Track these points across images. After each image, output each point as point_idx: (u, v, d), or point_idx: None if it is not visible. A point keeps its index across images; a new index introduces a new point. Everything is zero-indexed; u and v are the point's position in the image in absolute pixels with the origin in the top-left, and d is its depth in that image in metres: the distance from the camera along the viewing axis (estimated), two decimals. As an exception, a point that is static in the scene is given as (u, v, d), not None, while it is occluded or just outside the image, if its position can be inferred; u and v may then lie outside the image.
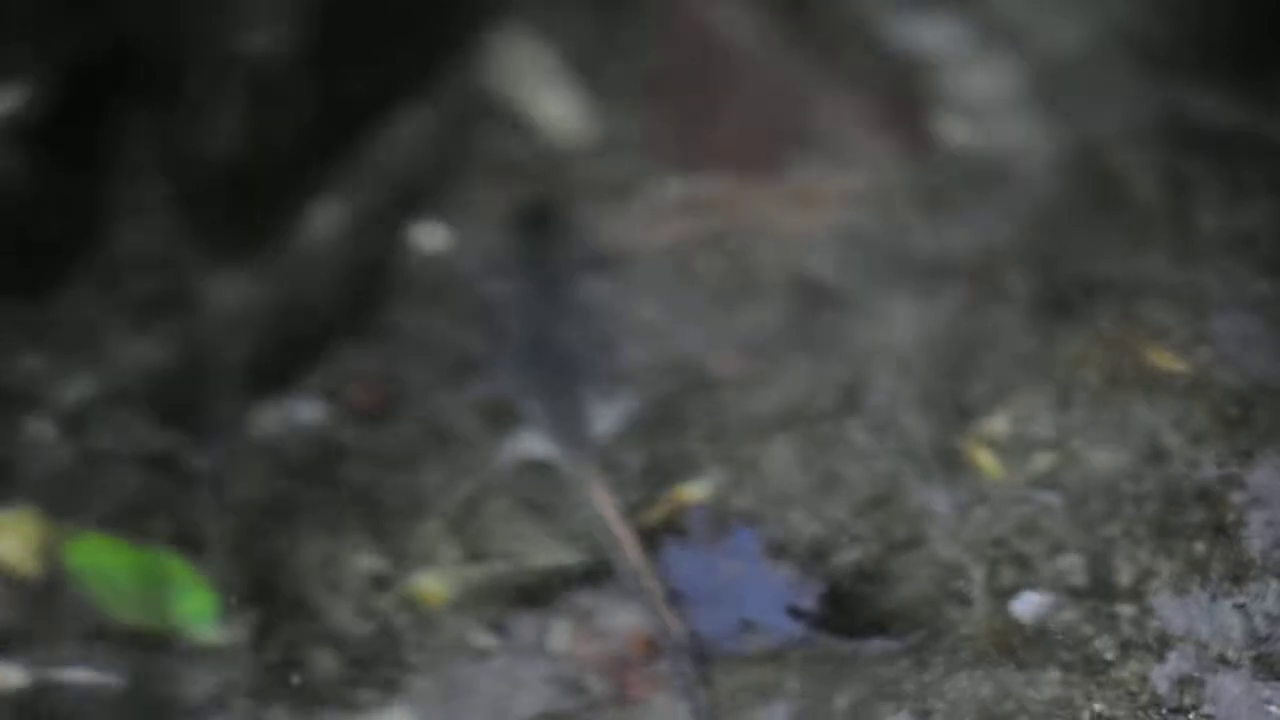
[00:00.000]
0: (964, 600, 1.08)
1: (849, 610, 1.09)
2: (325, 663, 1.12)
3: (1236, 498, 1.10)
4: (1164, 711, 1.03)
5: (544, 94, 1.52)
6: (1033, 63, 1.51)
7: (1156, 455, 1.12)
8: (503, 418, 1.26)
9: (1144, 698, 1.04)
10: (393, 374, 1.36)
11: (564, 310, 1.37)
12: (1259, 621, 1.06)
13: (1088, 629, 1.07)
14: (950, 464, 1.13)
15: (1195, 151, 1.41)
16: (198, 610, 1.13)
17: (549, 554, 1.14)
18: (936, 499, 1.11)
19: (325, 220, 1.44)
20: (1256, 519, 1.09)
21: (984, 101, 1.50)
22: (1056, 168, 1.43)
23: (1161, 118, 1.45)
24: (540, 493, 1.19)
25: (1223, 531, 1.08)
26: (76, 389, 1.32)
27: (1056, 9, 1.52)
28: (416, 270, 1.42)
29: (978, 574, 1.09)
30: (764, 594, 1.10)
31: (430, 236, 1.44)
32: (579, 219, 1.42)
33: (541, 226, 1.43)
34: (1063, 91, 1.49)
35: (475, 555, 1.14)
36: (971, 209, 1.39)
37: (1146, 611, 1.07)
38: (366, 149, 1.48)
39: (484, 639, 1.12)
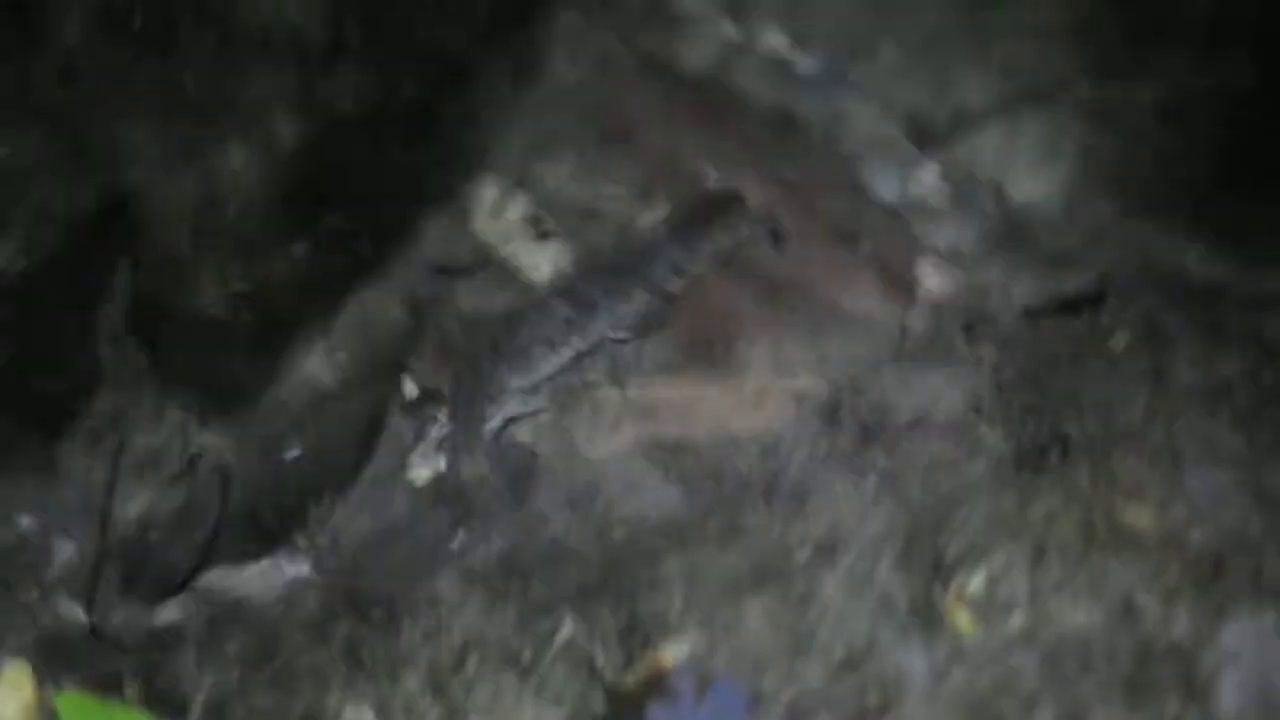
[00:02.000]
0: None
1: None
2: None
3: (1208, 657, 1.13)
4: None
5: (525, 246, 1.58)
6: (1010, 211, 1.57)
7: (1129, 613, 1.15)
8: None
9: None
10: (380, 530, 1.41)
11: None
12: (1230, 780, 1.10)
13: (1062, 788, 1.11)
14: (926, 622, 1.17)
15: (1173, 303, 1.45)
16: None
17: (532, 712, 1.18)
18: (913, 659, 1.15)
19: (313, 375, 1.49)
20: (1228, 678, 1.12)
21: (961, 251, 1.55)
22: (1034, 320, 1.48)
23: (1140, 268, 1.50)
24: (522, 650, 1.23)
25: (1194, 691, 1.12)
26: (65, 550, 1.37)
27: (1035, 156, 1.58)
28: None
29: (954, 736, 1.13)
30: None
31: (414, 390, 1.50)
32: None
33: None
34: (1040, 240, 1.55)
35: (456, 712, 1.18)
36: (949, 362, 1.44)
37: (1120, 769, 1.11)
38: (353, 302, 1.54)
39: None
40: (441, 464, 1.44)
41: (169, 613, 1.37)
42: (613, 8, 1.64)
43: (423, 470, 1.45)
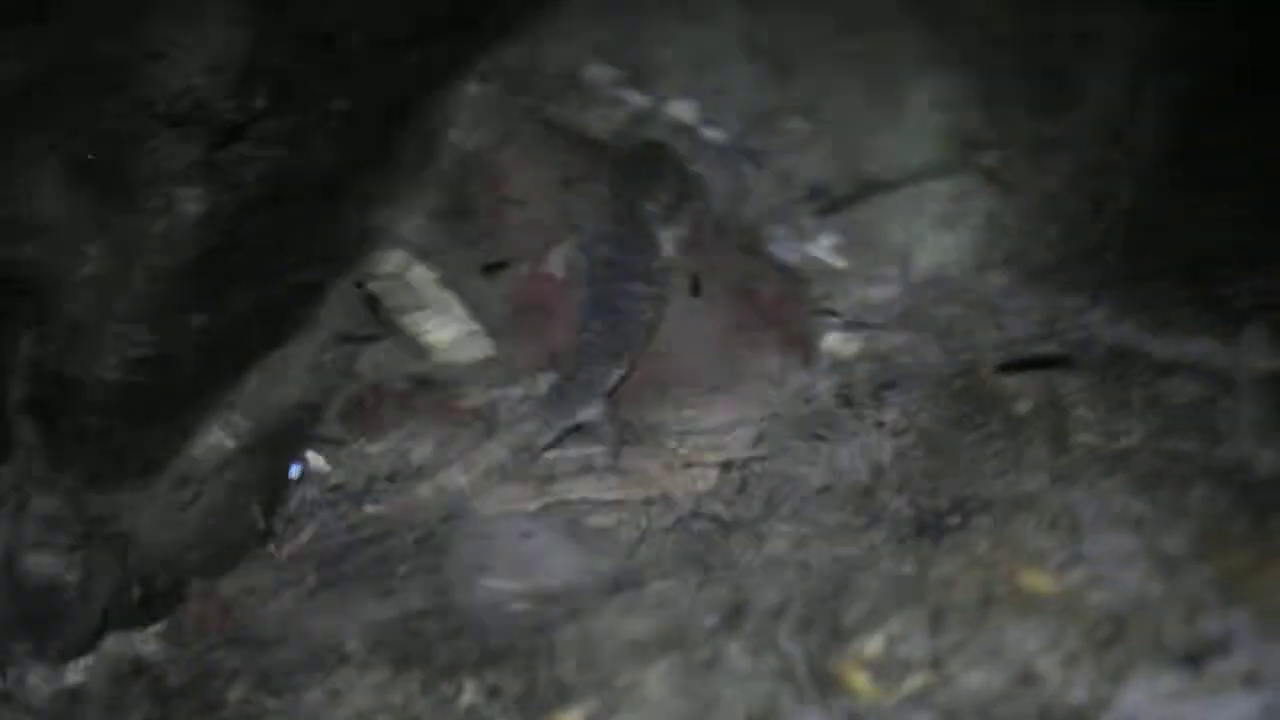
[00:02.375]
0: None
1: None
2: None
3: None
4: None
5: (430, 316, 1.59)
6: (916, 277, 1.59)
7: (1029, 677, 1.16)
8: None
9: None
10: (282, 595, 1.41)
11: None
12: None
13: None
14: (826, 686, 1.17)
15: (1076, 368, 1.48)
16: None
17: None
18: (811, 722, 1.16)
19: (216, 442, 1.48)
20: (1127, 741, 1.14)
21: (866, 317, 1.57)
22: (937, 384, 1.50)
23: (1043, 334, 1.53)
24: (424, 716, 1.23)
25: (1093, 753, 1.13)
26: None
27: (941, 224, 1.61)
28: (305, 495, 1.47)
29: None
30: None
31: (317, 460, 1.50)
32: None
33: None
34: (945, 306, 1.57)
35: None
36: (853, 428, 1.45)
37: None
38: (257, 369, 1.54)
39: None
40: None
41: (76, 674, 1.37)
42: (519, 79, 1.65)
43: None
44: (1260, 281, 1.49)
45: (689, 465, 1.46)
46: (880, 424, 1.45)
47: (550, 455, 1.49)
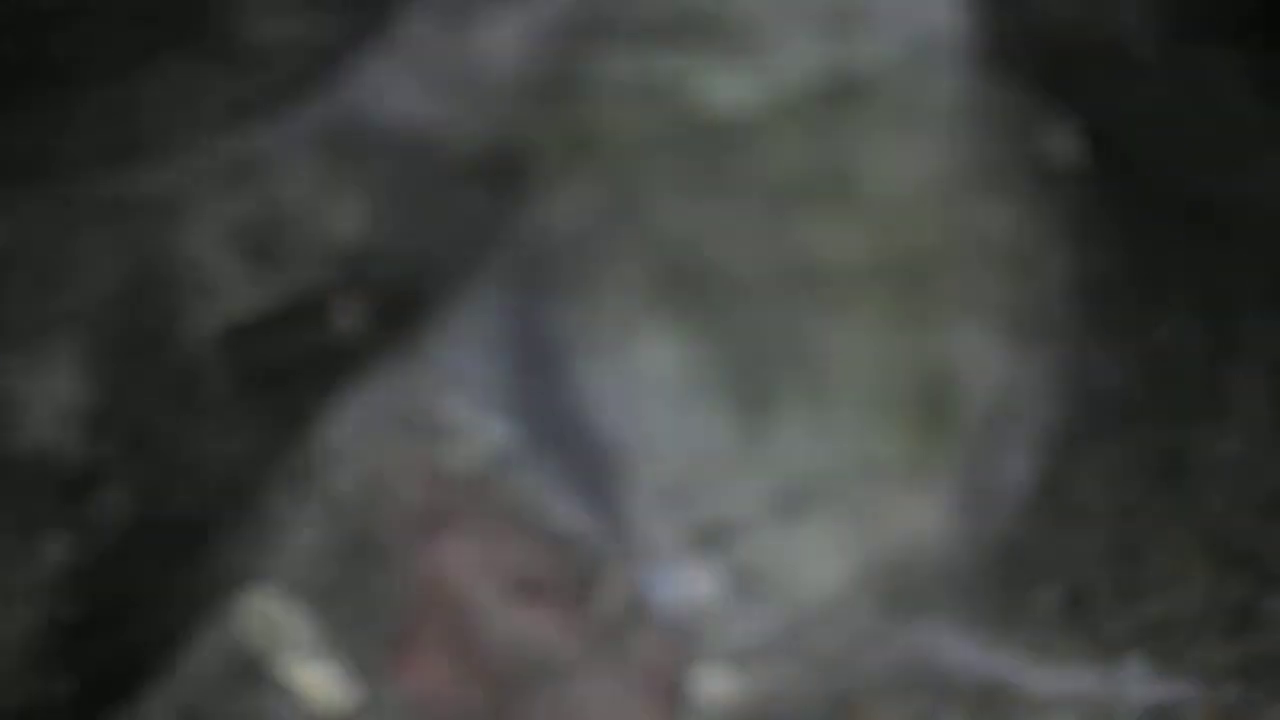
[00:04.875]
0: None
1: None
2: None
3: None
4: None
5: (300, 659, 1.60)
6: (787, 609, 1.61)
7: None
8: None
9: None
10: None
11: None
12: None
13: None
14: None
15: (954, 703, 1.49)
16: None
17: None
18: None
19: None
20: None
21: (746, 654, 1.58)
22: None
23: (922, 667, 1.54)
24: None
25: None
26: None
27: (813, 558, 1.63)
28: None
29: None
30: None
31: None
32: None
33: None
34: (821, 641, 1.58)
35: None
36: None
37: None
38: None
39: None
40: None
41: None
42: (386, 418, 1.70)
43: None
44: (1137, 611, 1.51)
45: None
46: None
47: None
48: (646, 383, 1.72)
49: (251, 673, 1.60)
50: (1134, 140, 1.88)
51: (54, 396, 1.58)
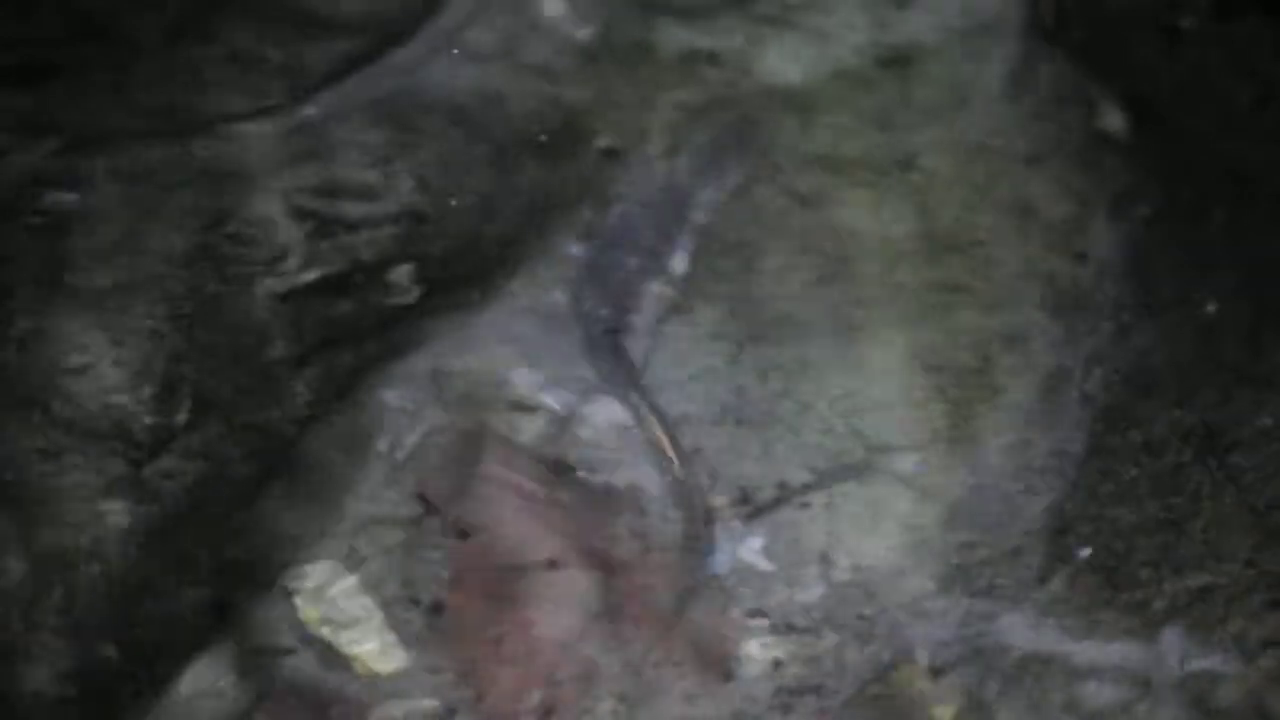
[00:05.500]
0: None
1: None
2: None
3: None
4: None
5: (352, 626, 1.65)
6: (838, 581, 1.65)
7: None
8: None
9: None
10: None
11: None
12: None
13: None
14: None
15: (997, 674, 1.53)
16: None
17: None
18: None
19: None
20: None
21: (791, 621, 1.63)
22: (862, 688, 1.56)
23: (965, 636, 1.59)
24: None
25: None
26: None
27: (857, 528, 1.68)
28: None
29: None
30: None
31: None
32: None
33: None
34: (868, 609, 1.63)
35: None
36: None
37: None
38: (185, 679, 1.60)
39: None
40: None
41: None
42: (442, 384, 1.75)
43: None
44: (1177, 583, 1.56)
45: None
46: (812, 732, 1.50)
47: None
48: (699, 355, 1.76)
49: (303, 639, 1.64)
50: (1179, 111, 1.92)
51: (124, 361, 1.63)
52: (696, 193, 1.87)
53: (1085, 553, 1.60)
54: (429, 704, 1.61)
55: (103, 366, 1.62)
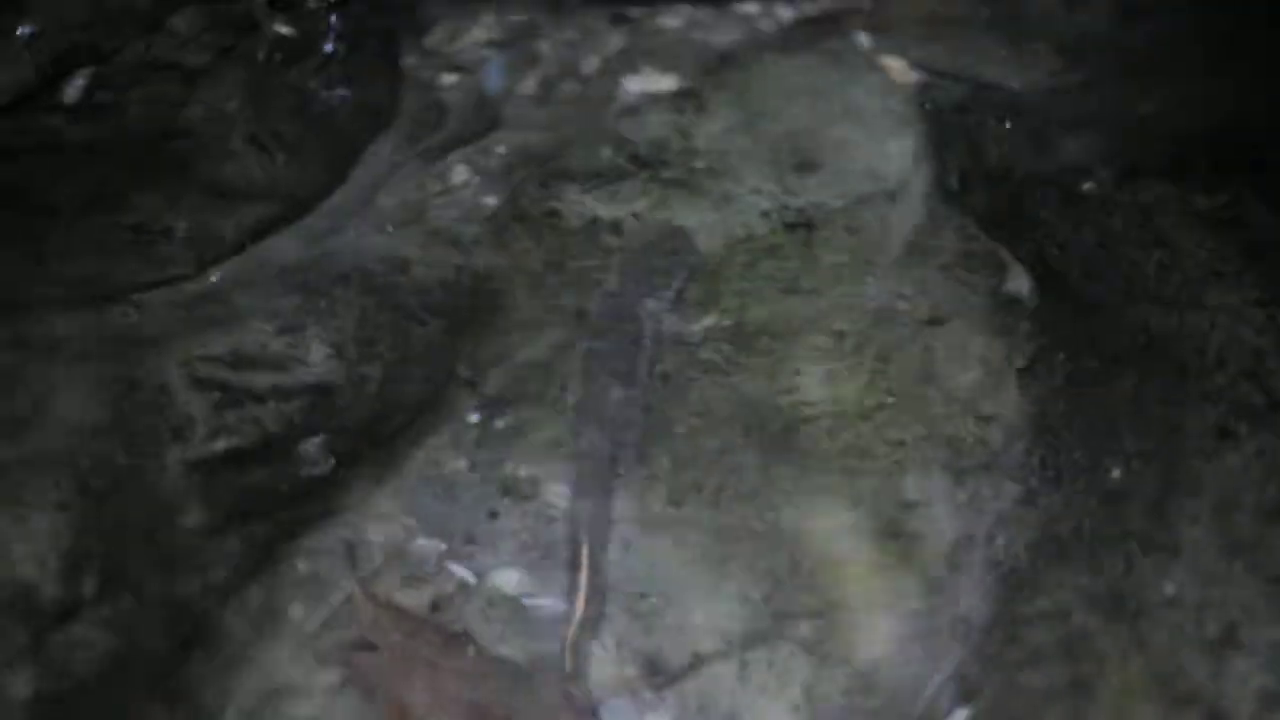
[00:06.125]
0: None
1: None
2: None
3: None
4: None
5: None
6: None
7: None
8: None
9: None
10: None
11: None
12: None
13: None
14: None
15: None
16: None
17: None
18: None
19: None
20: None
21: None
22: None
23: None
24: None
25: None
26: None
27: (763, 693, 1.69)
28: None
29: None
30: None
31: None
32: None
33: None
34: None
35: None
36: None
37: None
38: None
39: None
40: None
41: None
42: (355, 554, 1.77)
43: None
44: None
45: None
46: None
47: None
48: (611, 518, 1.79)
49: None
50: (1085, 275, 1.97)
51: (29, 536, 1.64)
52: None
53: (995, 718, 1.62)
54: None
55: (6, 541, 1.62)
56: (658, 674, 1.72)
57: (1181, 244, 1.97)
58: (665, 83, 2.21)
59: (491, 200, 2.03)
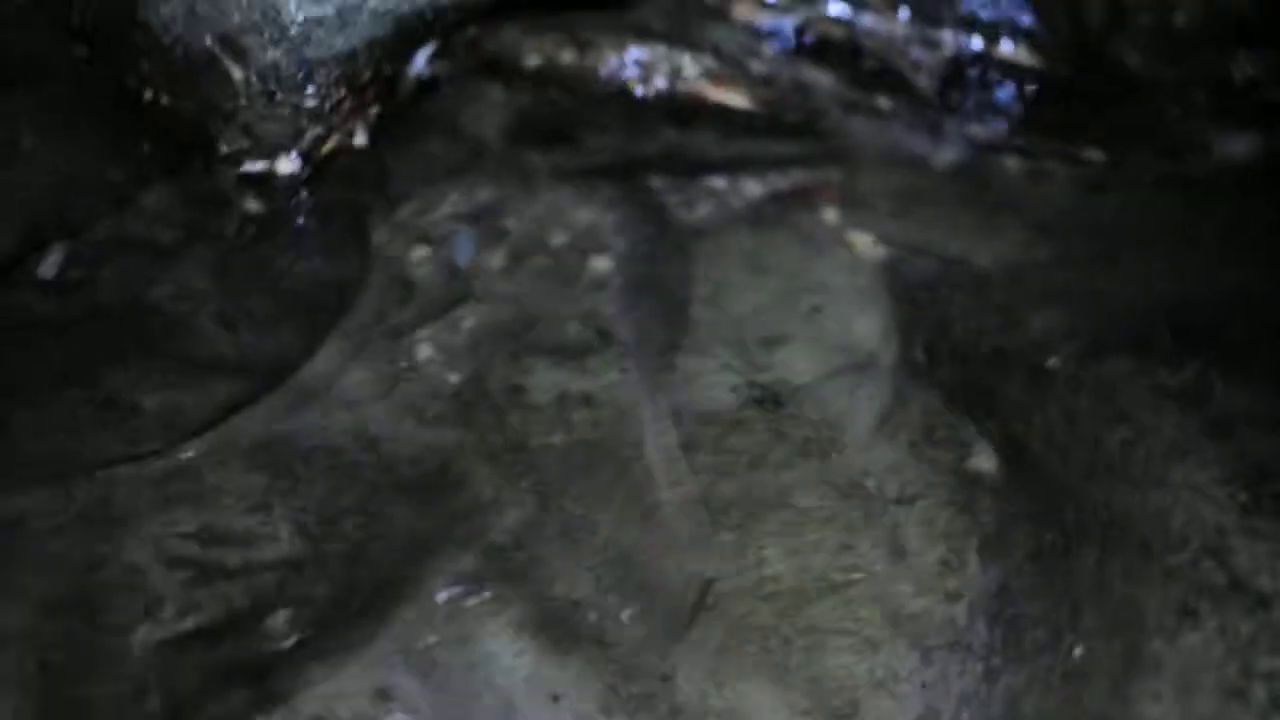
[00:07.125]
0: None
1: None
2: None
3: None
4: None
5: None
6: None
7: None
8: None
9: None
10: None
11: None
12: None
13: None
14: None
15: None
16: None
17: None
18: None
19: None
20: None
21: None
22: None
23: None
24: None
25: None
26: None
27: None
28: None
29: None
30: None
31: None
32: None
33: None
34: None
35: None
36: None
37: None
38: None
39: None
40: None
41: None
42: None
43: None
44: None
45: None
46: None
47: None
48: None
49: None
50: (1050, 452, 2.02)
51: (-2, 717, 1.67)
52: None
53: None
54: None
55: None
56: None
57: (1145, 421, 2.03)
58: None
59: (457, 376, 2.09)
